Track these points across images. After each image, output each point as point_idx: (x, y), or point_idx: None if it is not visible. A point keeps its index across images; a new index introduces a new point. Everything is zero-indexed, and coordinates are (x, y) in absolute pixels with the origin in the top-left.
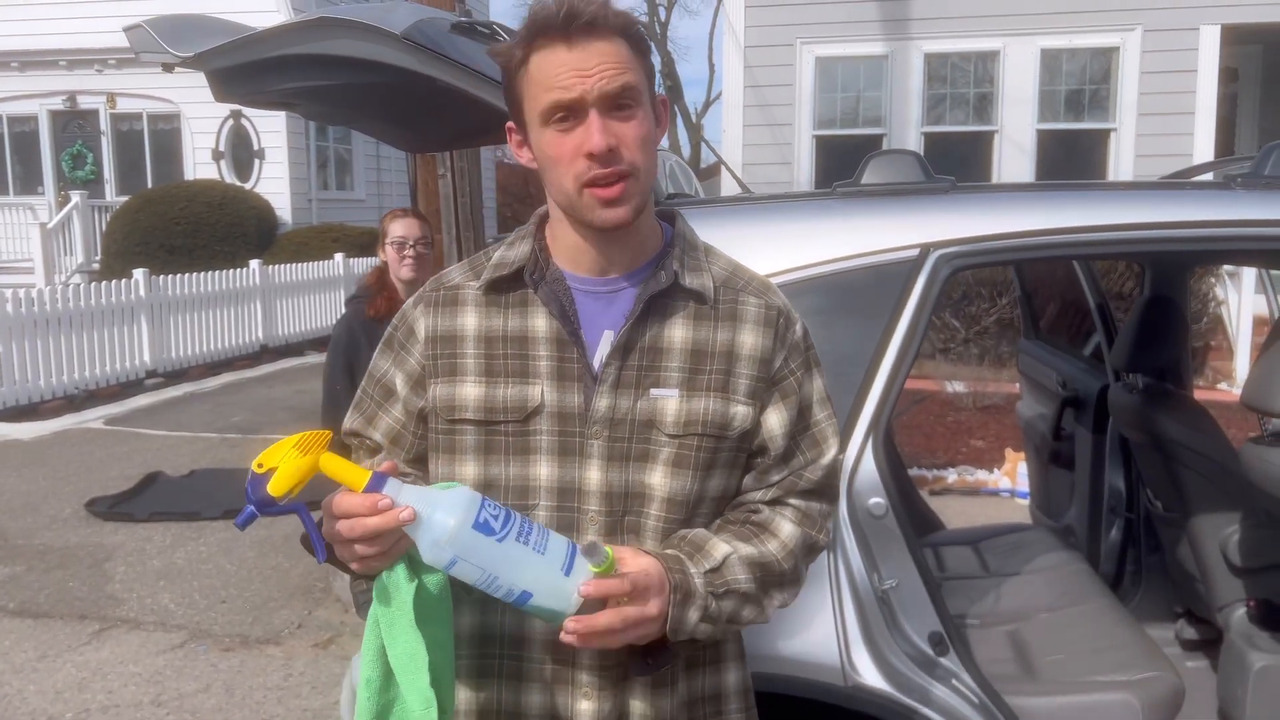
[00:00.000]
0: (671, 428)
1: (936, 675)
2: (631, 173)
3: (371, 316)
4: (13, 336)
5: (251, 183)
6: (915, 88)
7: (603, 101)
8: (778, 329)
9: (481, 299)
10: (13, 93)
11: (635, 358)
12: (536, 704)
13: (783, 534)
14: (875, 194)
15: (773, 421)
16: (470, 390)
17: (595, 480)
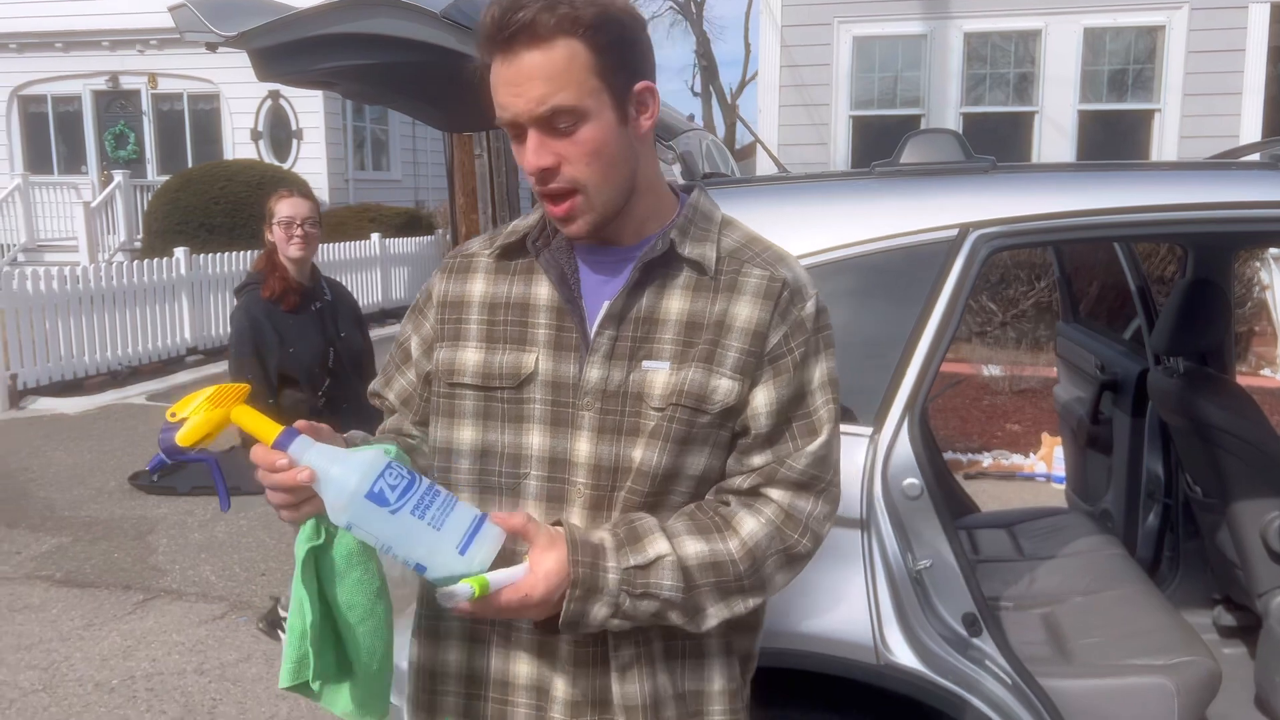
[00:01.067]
0: (658, 401)
1: (970, 656)
2: (577, 189)
3: (268, 299)
4: (59, 313)
5: (289, 163)
6: (954, 68)
7: (535, 123)
8: (778, 302)
9: (492, 266)
10: (57, 73)
11: (630, 328)
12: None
13: (744, 531)
14: (914, 174)
15: (759, 399)
16: (471, 355)
17: (584, 453)
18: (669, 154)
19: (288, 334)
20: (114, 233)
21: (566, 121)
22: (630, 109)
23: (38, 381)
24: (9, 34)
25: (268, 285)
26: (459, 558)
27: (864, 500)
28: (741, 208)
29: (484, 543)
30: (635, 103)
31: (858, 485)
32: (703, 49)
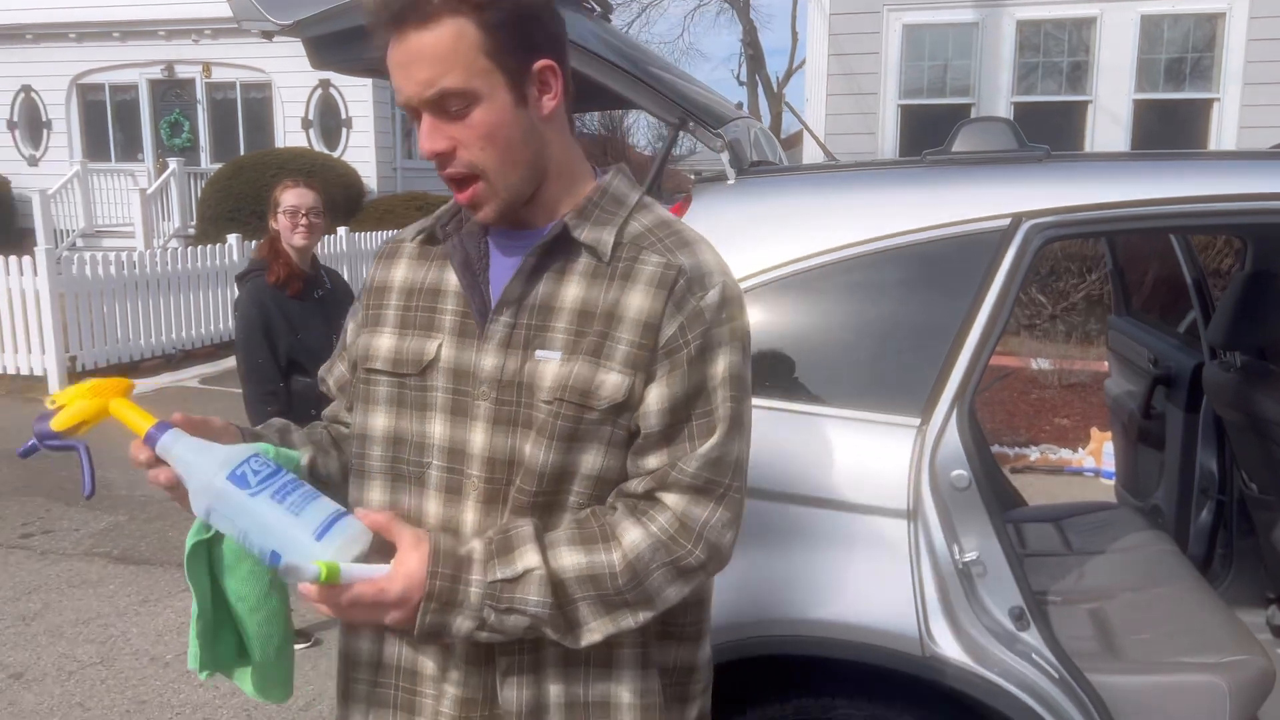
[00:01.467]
0: (546, 393)
1: (1016, 650)
2: (476, 174)
3: (273, 284)
4: (115, 298)
5: (339, 151)
6: (1006, 56)
7: (426, 106)
8: (673, 291)
9: (415, 251)
10: (115, 62)
11: (526, 316)
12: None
13: (626, 542)
14: (966, 162)
15: (650, 396)
16: (385, 341)
17: (479, 444)
18: (717, 142)
19: (295, 319)
20: (169, 219)
21: (457, 104)
22: (529, 89)
23: (95, 364)
24: (69, 24)
25: (273, 271)
26: (314, 543)
27: (911, 491)
28: (789, 196)
29: (343, 532)
30: (535, 82)
31: (905, 476)
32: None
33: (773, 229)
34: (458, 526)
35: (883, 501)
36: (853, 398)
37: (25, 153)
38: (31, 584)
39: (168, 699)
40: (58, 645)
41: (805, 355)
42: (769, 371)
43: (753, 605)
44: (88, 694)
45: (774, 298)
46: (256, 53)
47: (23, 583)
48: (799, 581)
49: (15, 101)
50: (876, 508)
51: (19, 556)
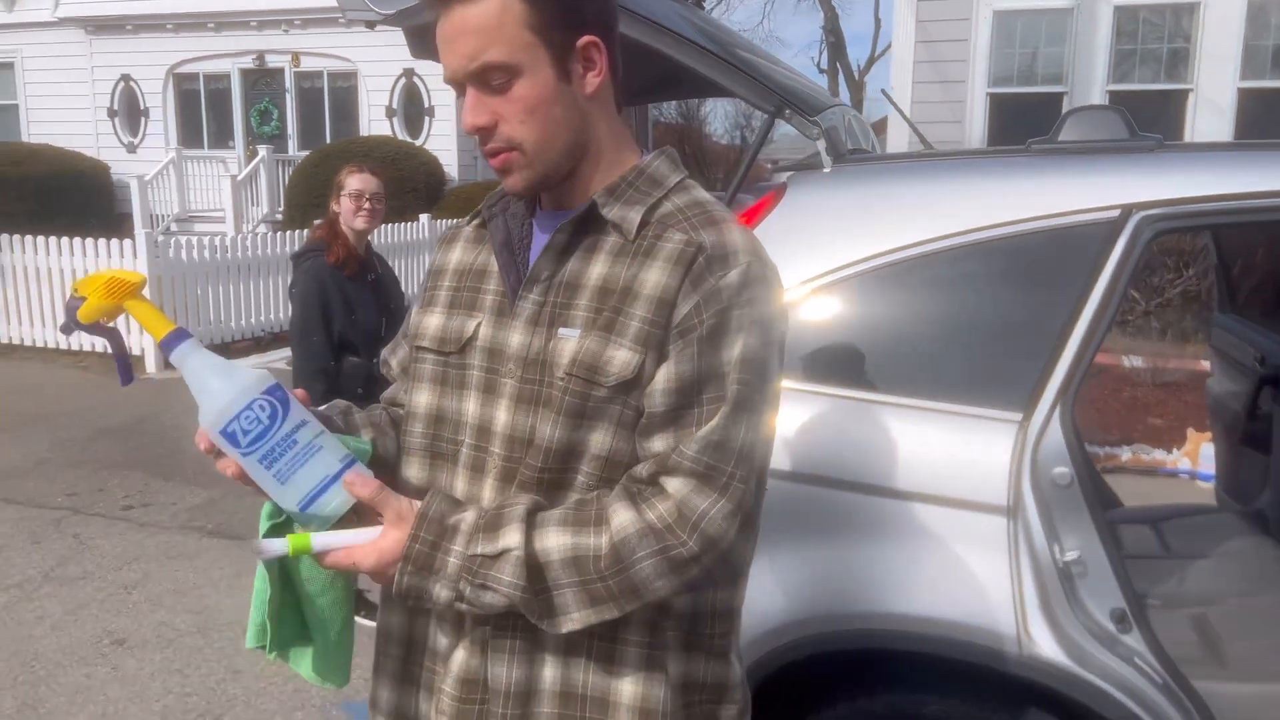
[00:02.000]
0: (562, 370)
1: (1118, 652)
2: (513, 148)
3: (333, 264)
4: (208, 281)
5: (422, 139)
6: (1102, 43)
7: (471, 80)
8: (691, 267)
9: (470, 235)
10: (209, 52)
11: (554, 294)
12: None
13: (614, 525)
14: (1073, 151)
15: (658, 376)
16: (434, 320)
17: (502, 422)
18: (813, 129)
19: (351, 300)
20: (257, 205)
21: (499, 78)
22: (573, 66)
23: None
24: (167, 15)
25: (332, 252)
26: (299, 514)
27: (1011, 487)
28: (888, 185)
29: (331, 501)
30: (580, 59)
31: (1005, 472)
32: (830, 24)
33: (870, 218)
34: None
35: (981, 497)
36: (951, 391)
37: (124, 140)
38: (132, 554)
39: (260, 669)
40: (157, 613)
41: (902, 347)
42: (864, 363)
43: (842, 599)
44: (185, 661)
45: (871, 288)
46: (343, 42)
47: (124, 553)
48: (891, 576)
49: (115, 91)
50: (974, 503)
51: (120, 528)
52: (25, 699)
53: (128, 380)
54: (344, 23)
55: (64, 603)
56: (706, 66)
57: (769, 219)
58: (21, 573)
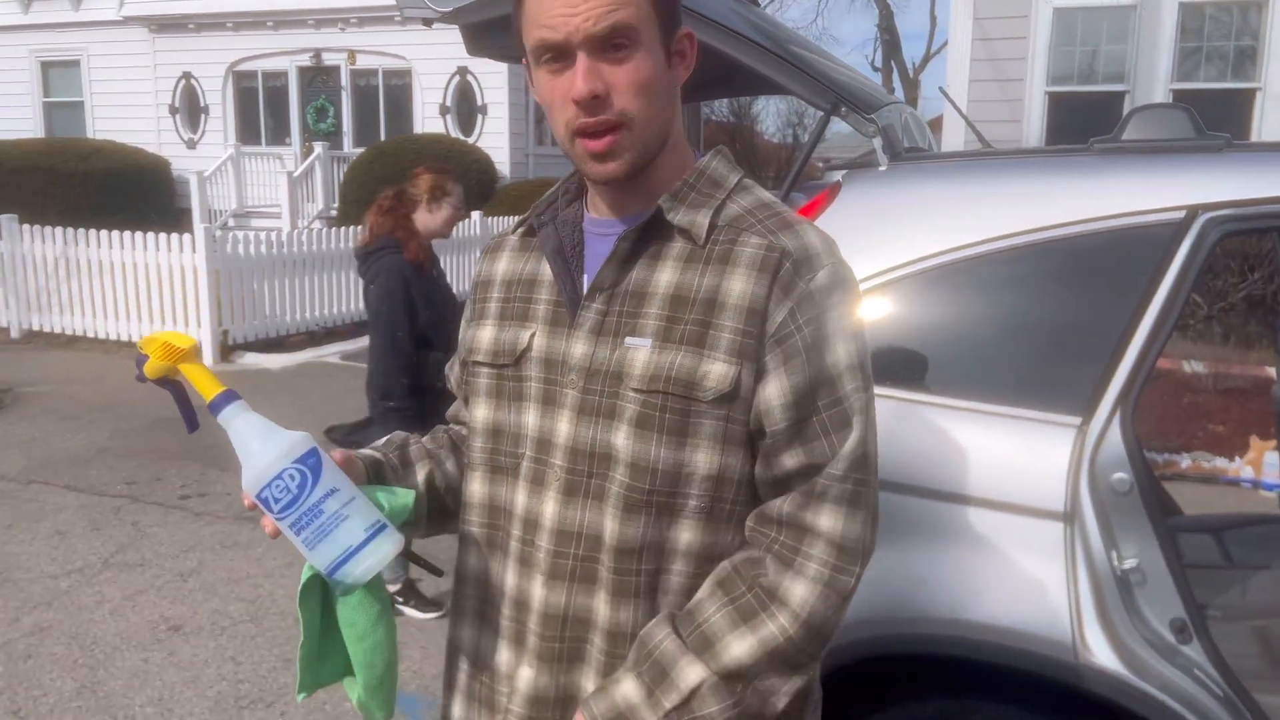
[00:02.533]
0: (638, 381)
1: (1177, 663)
2: (623, 122)
3: (411, 261)
4: (264, 276)
5: (474, 137)
6: (1165, 40)
7: (590, 43)
8: (778, 274)
9: (516, 244)
10: (267, 50)
11: (619, 303)
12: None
13: (794, 601)
14: (1137, 150)
15: (770, 391)
16: (486, 333)
17: (564, 433)
18: (870, 127)
19: (430, 295)
20: (313, 201)
21: (623, 41)
22: (674, 52)
23: (245, 338)
24: (228, 14)
25: (409, 249)
26: (329, 578)
27: (1069, 492)
28: (945, 184)
29: (354, 570)
30: (678, 49)
31: (1063, 476)
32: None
33: (927, 217)
34: (538, 517)
35: (1038, 502)
36: (1008, 394)
37: (184, 136)
38: (188, 543)
39: None
40: (211, 601)
41: (958, 348)
42: (919, 364)
43: (894, 603)
44: (239, 649)
45: (928, 288)
46: (399, 40)
47: (181, 541)
48: (945, 580)
49: (177, 88)
50: (1031, 508)
51: (177, 517)
52: (85, 681)
53: (193, 428)
54: (400, 21)
55: (123, 588)
56: (763, 64)
57: (824, 217)
58: (83, 558)
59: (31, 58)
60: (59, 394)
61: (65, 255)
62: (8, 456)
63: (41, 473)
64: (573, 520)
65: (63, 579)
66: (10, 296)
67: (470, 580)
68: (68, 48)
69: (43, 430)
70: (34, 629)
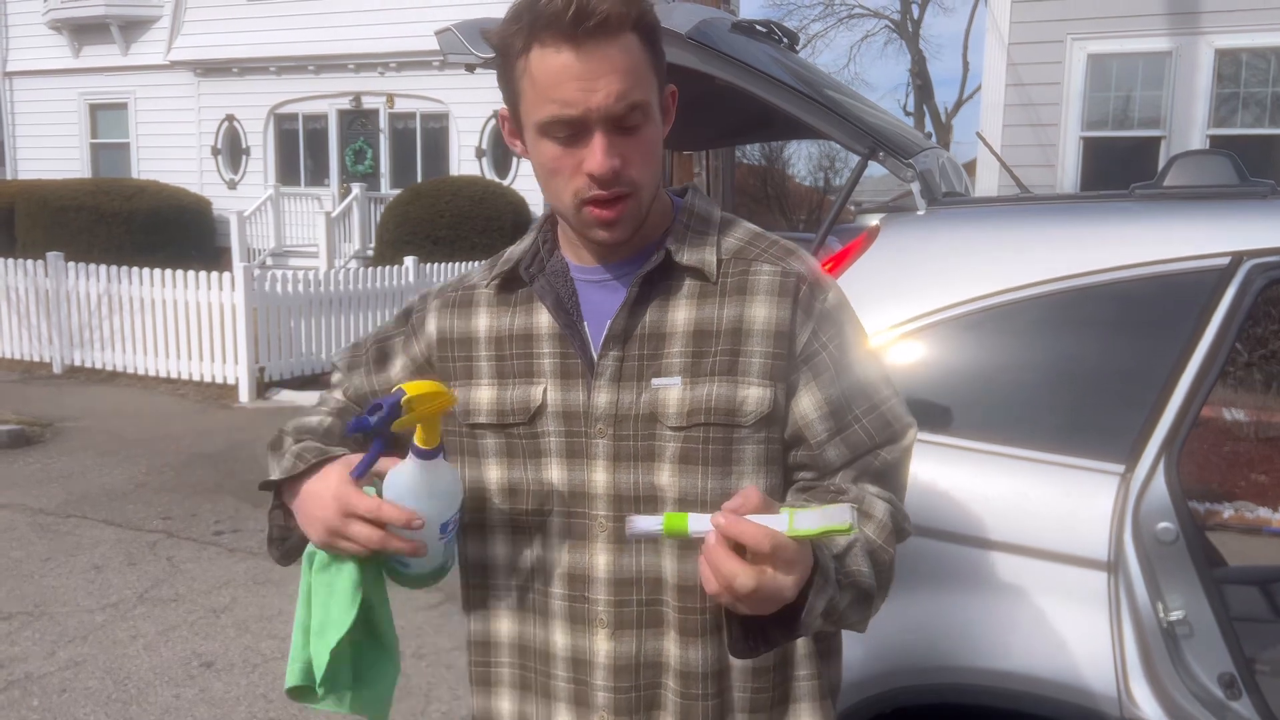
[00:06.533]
0: (675, 419)
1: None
2: (633, 192)
3: None
4: (301, 314)
5: (509, 179)
6: (1202, 86)
7: (608, 121)
8: (798, 297)
9: (493, 298)
10: (309, 93)
11: (636, 347)
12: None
13: (878, 513)
14: (1179, 197)
15: (805, 405)
16: (484, 394)
17: (602, 483)
18: (907, 172)
19: None
20: (349, 241)
21: (638, 119)
22: (664, 111)
23: (281, 375)
24: (270, 58)
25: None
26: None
27: (1113, 541)
28: (984, 228)
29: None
30: (665, 106)
31: (1106, 525)
32: (917, 68)
33: (966, 262)
34: (588, 571)
35: (1080, 550)
36: (1050, 440)
37: (226, 177)
38: (222, 579)
39: None
40: (244, 638)
41: (999, 394)
42: (960, 409)
43: (933, 651)
44: (270, 686)
45: (968, 332)
46: (436, 84)
47: (214, 577)
48: (985, 629)
49: (220, 130)
50: (1073, 557)
51: (211, 553)
52: (117, 717)
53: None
54: (438, 65)
55: (157, 624)
56: (801, 109)
57: (861, 261)
58: (118, 593)
59: (80, 100)
60: (98, 429)
61: (108, 292)
62: (47, 490)
63: (80, 507)
64: (629, 567)
65: (98, 613)
66: (54, 332)
67: (503, 647)
68: (116, 91)
69: (81, 465)
70: (69, 663)
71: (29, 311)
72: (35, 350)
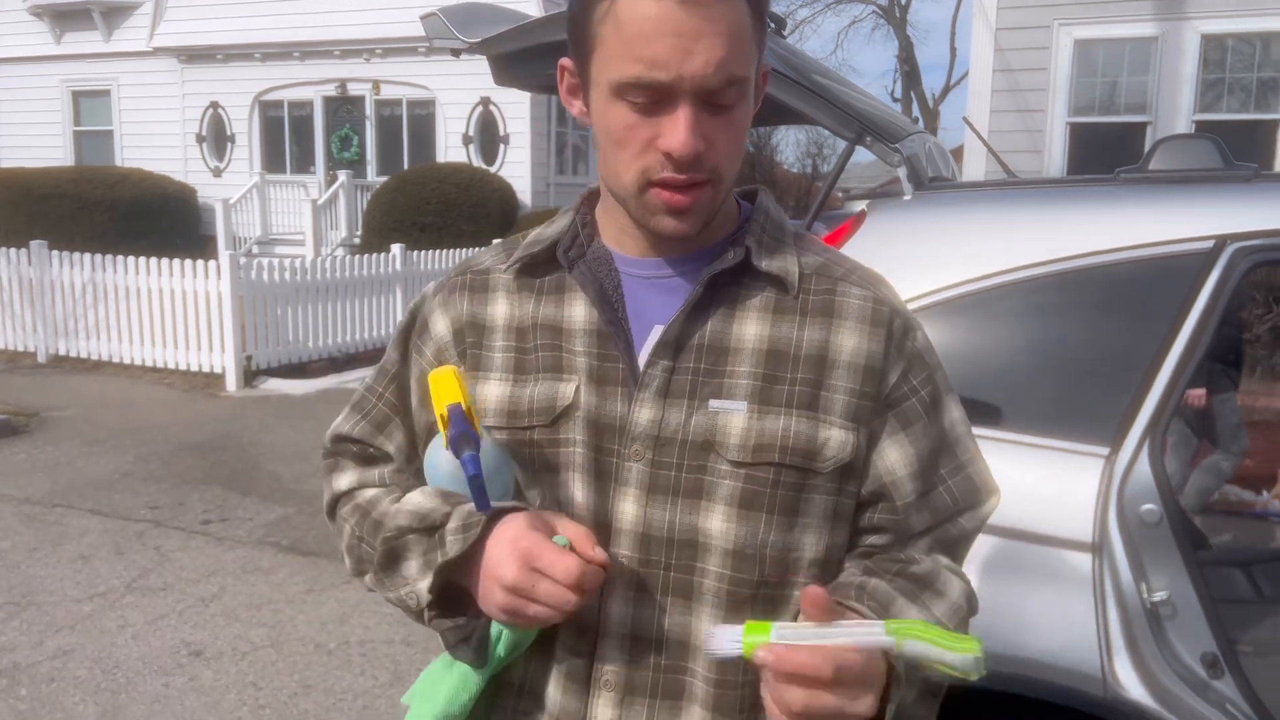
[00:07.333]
0: (736, 452)
1: (1209, 698)
2: (712, 179)
3: None
4: (287, 302)
5: (496, 166)
6: (1188, 72)
7: (700, 93)
8: (890, 330)
9: (513, 284)
10: (294, 80)
11: (692, 358)
12: None
13: (952, 594)
14: (1165, 180)
15: (892, 458)
16: (493, 390)
17: (630, 516)
18: (894, 157)
19: None
20: (336, 229)
21: (733, 97)
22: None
23: (268, 364)
24: (255, 44)
25: None
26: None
27: (1097, 523)
28: (970, 213)
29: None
30: (759, 87)
31: (1091, 507)
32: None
33: (952, 246)
34: (599, 623)
35: (1065, 533)
36: (1034, 423)
37: (211, 165)
38: (210, 568)
39: (331, 685)
40: (233, 627)
41: (983, 377)
42: None
43: None
44: (259, 674)
45: (953, 317)
46: (423, 71)
47: (202, 566)
48: None
49: (204, 117)
50: (1057, 538)
51: (199, 542)
52: (106, 706)
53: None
54: (424, 52)
55: (145, 613)
56: (789, 94)
57: (848, 246)
58: (106, 583)
59: (63, 87)
60: (84, 418)
61: (92, 281)
62: (33, 480)
63: (66, 496)
64: (649, 624)
65: (86, 603)
66: (38, 321)
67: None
68: (98, 78)
69: (67, 454)
70: (57, 652)
71: (13, 300)
72: (19, 340)
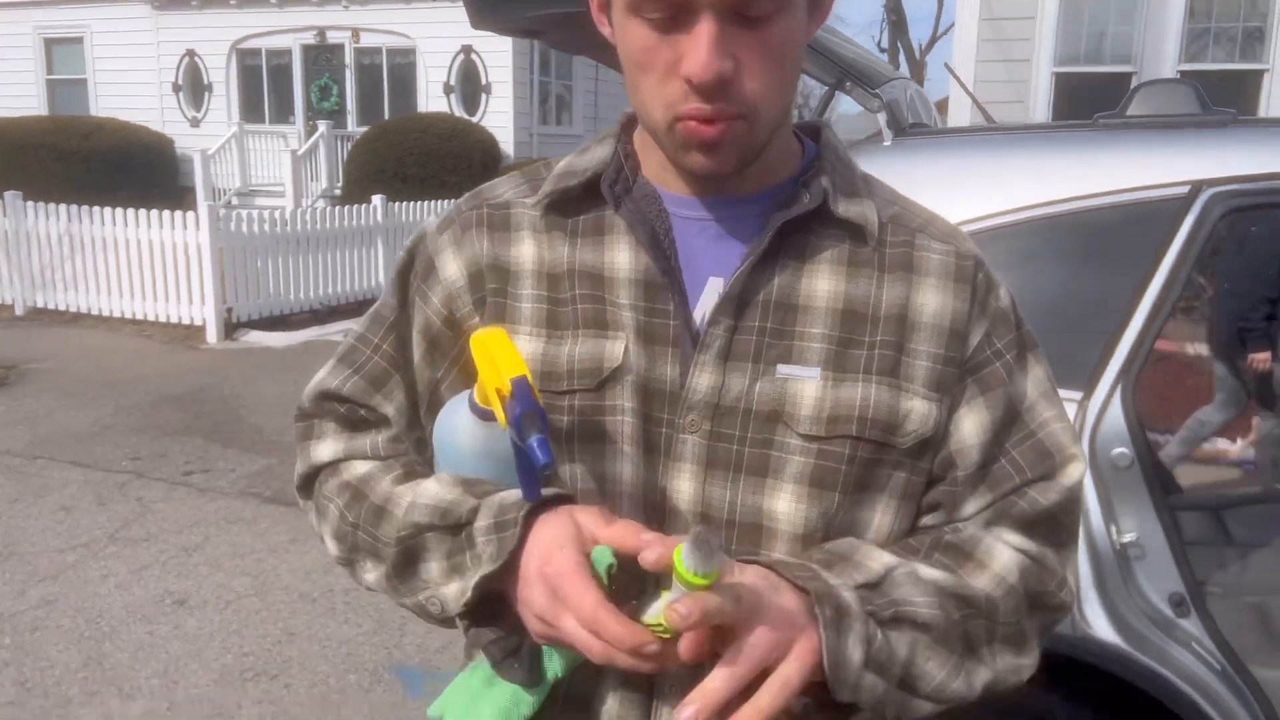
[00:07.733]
0: (807, 425)
1: (1175, 637)
2: (743, 114)
3: None
4: (268, 254)
5: (478, 116)
6: (1173, 22)
7: (723, 6)
8: (974, 287)
9: (539, 222)
10: (271, 28)
11: (756, 317)
12: None
13: (996, 564)
14: (1142, 126)
15: (966, 428)
16: (521, 346)
17: (687, 494)
18: (874, 102)
19: None
20: (317, 180)
21: (767, 6)
22: (814, 5)
23: (249, 316)
24: None
25: None
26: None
27: None
28: (948, 159)
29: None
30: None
31: None
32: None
33: (930, 193)
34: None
35: None
36: None
37: (188, 115)
38: (193, 519)
39: (315, 632)
40: (216, 576)
41: None
42: None
43: None
44: (243, 622)
45: None
46: (403, 19)
47: (185, 517)
48: None
49: (180, 66)
50: None
51: (181, 493)
52: (91, 654)
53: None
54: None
55: (128, 563)
56: None
57: None
58: (88, 533)
59: (34, 34)
60: (63, 371)
61: (69, 232)
62: (13, 432)
63: (46, 448)
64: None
65: (69, 553)
66: (14, 273)
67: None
68: (71, 24)
69: (47, 406)
70: (40, 602)
71: None
72: None
